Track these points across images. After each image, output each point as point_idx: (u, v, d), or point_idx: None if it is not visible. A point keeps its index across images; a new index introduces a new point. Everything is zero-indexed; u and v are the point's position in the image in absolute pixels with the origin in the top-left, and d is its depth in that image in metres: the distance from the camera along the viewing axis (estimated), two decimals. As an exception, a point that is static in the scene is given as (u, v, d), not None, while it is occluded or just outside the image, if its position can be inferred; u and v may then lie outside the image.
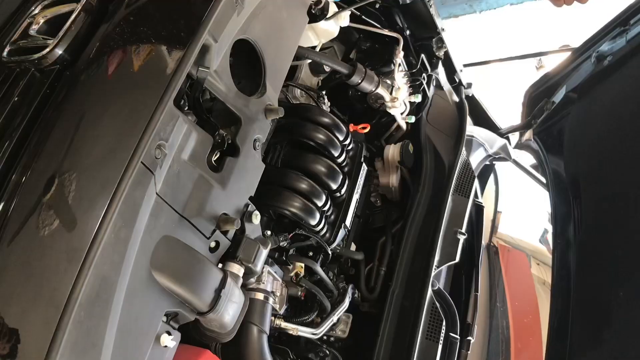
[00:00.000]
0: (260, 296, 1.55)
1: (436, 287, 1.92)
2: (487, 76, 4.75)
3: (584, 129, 2.16)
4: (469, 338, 2.01)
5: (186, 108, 1.46)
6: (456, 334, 1.94)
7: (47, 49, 1.31)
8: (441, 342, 1.85)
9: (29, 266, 1.14)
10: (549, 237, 3.11)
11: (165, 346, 1.22)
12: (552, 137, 2.40)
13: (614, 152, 1.94)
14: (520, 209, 3.07)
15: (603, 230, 1.91)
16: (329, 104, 2.04)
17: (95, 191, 1.14)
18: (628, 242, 1.77)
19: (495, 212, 2.81)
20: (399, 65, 2.14)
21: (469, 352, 2.00)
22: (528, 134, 2.61)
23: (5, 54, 1.39)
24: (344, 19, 1.96)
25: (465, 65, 2.77)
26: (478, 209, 2.32)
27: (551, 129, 2.42)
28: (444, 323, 1.87)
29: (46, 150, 1.29)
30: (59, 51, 1.33)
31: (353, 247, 2.03)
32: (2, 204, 1.20)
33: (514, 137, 2.95)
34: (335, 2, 1.90)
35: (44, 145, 1.30)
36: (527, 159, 3.09)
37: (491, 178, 2.79)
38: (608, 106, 2.05)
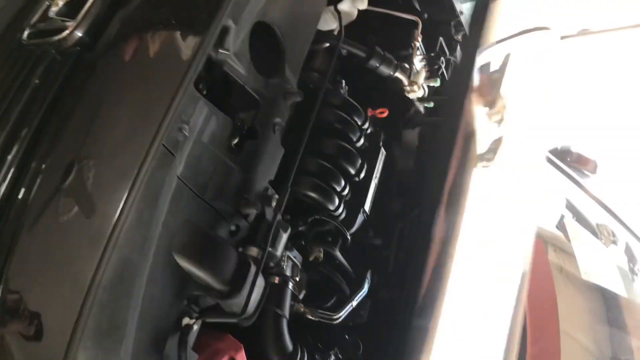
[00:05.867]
0: (280, 281, 1.54)
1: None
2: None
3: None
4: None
5: (204, 92, 1.44)
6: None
7: (67, 31, 1.30)
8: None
9: (52, 250, 1.15)
10: (566, 222, 3.09)
11: (187, 329, 1.22)
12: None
13: None
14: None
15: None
16: (346, 88, 2.02)
17: (117, 174, 1.14)
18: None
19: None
20: (418, 48, 2.11)
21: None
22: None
23: (25, 36, 1.38)
24: (363, 2, 1.92)
25: (483, 50, 2.72)
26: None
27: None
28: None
29: (66, 135, 1.29)
30: (78, 33, 1.31)
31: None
32: (23, 190, 1.21)
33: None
34: (353, -15, 1.87)
35: (63, 131, 1.29)
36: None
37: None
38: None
